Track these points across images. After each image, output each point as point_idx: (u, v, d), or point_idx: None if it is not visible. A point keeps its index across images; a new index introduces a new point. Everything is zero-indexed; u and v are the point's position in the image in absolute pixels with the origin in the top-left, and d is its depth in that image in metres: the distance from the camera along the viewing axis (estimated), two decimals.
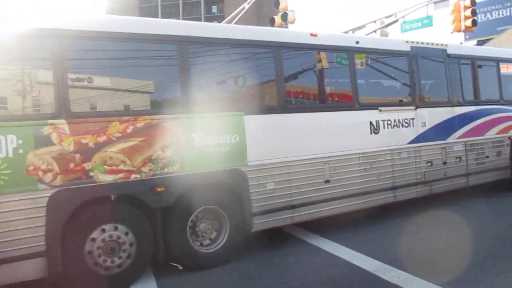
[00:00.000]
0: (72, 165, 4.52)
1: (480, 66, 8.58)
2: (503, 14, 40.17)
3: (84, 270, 4.59)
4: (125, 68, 5.09)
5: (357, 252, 5.43)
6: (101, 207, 4.73)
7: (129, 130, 4.84)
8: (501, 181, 8.76)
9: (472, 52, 8.63)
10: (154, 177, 4.96)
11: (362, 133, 6.74)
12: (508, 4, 39.96)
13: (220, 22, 19.53)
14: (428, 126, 7.53)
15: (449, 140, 7.84)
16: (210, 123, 5.36)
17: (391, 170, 7.02)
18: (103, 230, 4.70)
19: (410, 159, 7.28)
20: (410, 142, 7.29)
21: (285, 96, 6.03)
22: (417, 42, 7.63)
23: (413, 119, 7.34)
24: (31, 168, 4.33)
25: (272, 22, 14.39)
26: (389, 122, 7.02)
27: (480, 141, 8.34)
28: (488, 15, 41.11)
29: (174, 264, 5.31)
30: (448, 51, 8.02)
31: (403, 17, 17.48)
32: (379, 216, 7.12)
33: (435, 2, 16.82)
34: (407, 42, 7.49)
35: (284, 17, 13.99)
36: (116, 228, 4.76)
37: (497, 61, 8.89)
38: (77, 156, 4.55)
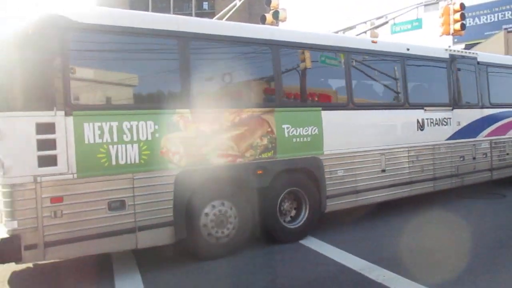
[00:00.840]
0: (193, 148, 5.28)
1: (503, 73, 9.61)
2: (491, 19, 41.86)
3: (198, 237, 5.33)
4: (233, 68, 5.85)
5: (344, 252, 5.46)
6: (214, 187, 5.49)
7: (236, 120, 5.62)
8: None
9: (497, 60, 9.65)
10: (254, 161, 5.76)
11: (410, 129, 7.64)
12: (496, 9, 41.66)
13: (211, 18, 19.62)
14: (462, 125, 8.49)
15: (478, 138, 8.83)
16: (296, 116, 6.19)
17: (432, 163, 7.95)
18: (215, 206, 5.47)
19: (447, 154, 8.22)
20: (448, 139, 8.23)
21: (351, 94, 6.88)
22: (454, 50, 8.60)
23: (450, 118, 8.29)
24: (164, 150, 5.08)
25: (263, 20, 14.27)
26: (431, 121, 7.95)
27: (503, 140, 9.37)
28: (477, 19, 42.72)
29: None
30: (478, 59, 9.01)
31: (393, 19, 17.70)
32: (367, 216, 7.23)
33: (425, 5, 16.95)
34: (446, 50, 8.44)
35: (276, 15, 13.96)
36: (223, 205, 5.52)
37: None
38: (198, 141, 5.31)
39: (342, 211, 6.71)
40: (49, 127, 4.42)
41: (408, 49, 7.74)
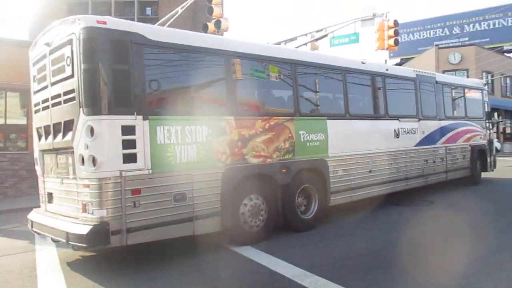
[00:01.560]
0: (236, 149, 6.21)
1: (454, 91, 11.47)
2: (423, 36, 46.49)
3: (238, 225, 6.24)
4: (262, 81, 6.87)
5: (279, 259, 5.48)
6: (251, 182, 6.43)
7: (266, 127, 6.62)
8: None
9: (450, 80, 11.51)
10: (280, 161, 6.78)
11: (390, 137, 9.09)
12: (428, 27, 46.32)
13: (153, 24, 18.57)
14: (425, 134, 10.12)
15: (437, 145, 10.52)
16: (309, 124, 7.31)
17: (405, 165, 9.45)
18: (250, 199, 6.41)
19: (415, 158, 9.78)
20: (415, 145, 9.80)
21: (348, 106, 8.13)
22: (419, 71, 10.24)
23: (417, 128, 9.88)
24: (213, 150, 5.96)
25: (205, 29, 14.08)
26: (404, 130, 9.46)
27: (454, 147, 11.19)
28: (411, 35, 47.20)
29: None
30: (436, 79, 10.76)
31: (332, 32, 18.03)
32: None
33: (362, 20, 17.14)
34: (414, 70, 10.05)
35: (218, 24, 13.78)
36: (257, 198, 6.49)
37: (464, 87, 11.89)
38: (239, 143, 6.25)
39: None
40: (131, 129, 5.15)
41: (387, 70, 9.21)
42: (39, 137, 6.30)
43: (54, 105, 5.69)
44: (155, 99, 5.56)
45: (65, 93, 5.37)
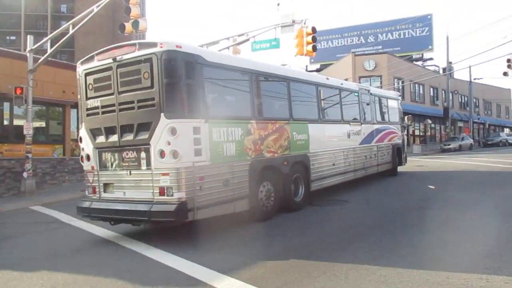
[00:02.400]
0: (257, 146, 7.99)
1: (381, 100, 14.42)
2: (341, 43, 50.65)
3: (259, 205, 8.01)
4: (271, 93, 8.71)
5: (195, 263, 5.51)
6: (265, 172, 8.24)
7: (274, 128, 8.50)
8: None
9: (378, 92, 14.42)
10: (282, 156, 8.70)
11: (344, 137, 11.52)
12: (346, 35, 50.52)
13: (67, 22, 17.27)
14: (365, 135, 12.78)
15: (372, 144, 13.28)
16: (298, 126, 9.34)
17: (353, 160, 11.96)
18: (265, 185, 8.22)
19: (359, 154, 12.37)
20: (359, 144, 12.39)
21: (320, 112, 10.33)
22: (360, 85, 12.90)
23: (360, 130, 12.48)
24: (245, 147, 7.68)
25: (122, 29, 13.88)
26: (353, 131, 11.98)
27: (382, 145, 14.09)
28: (330, 43, 51.05)
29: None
30: (371, 91, 13.54)
31: (254, 37, 18.66)
32: (218, 226, 7.37)
33: (282, 26, 17.65)
34: (357, 85, 12.66)
35: (135, 25, 13.52)
36: (268, 184, 8.32)
37: (387, 97, 14.94)
38: (259, 141, 8.03)
39: (192, 223, 7.02)
40: (198, 130, 6.67)
41: (342, 84, 11.64)
42: (94, 137, 7.37)
43: (122, 110, 6.91)
44: (211, 106, 7.11)
45: (141, 101, 6.67)
